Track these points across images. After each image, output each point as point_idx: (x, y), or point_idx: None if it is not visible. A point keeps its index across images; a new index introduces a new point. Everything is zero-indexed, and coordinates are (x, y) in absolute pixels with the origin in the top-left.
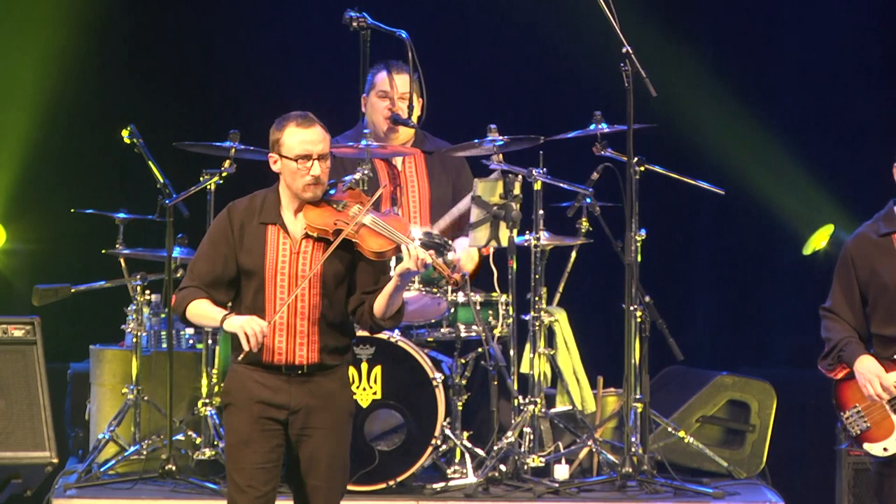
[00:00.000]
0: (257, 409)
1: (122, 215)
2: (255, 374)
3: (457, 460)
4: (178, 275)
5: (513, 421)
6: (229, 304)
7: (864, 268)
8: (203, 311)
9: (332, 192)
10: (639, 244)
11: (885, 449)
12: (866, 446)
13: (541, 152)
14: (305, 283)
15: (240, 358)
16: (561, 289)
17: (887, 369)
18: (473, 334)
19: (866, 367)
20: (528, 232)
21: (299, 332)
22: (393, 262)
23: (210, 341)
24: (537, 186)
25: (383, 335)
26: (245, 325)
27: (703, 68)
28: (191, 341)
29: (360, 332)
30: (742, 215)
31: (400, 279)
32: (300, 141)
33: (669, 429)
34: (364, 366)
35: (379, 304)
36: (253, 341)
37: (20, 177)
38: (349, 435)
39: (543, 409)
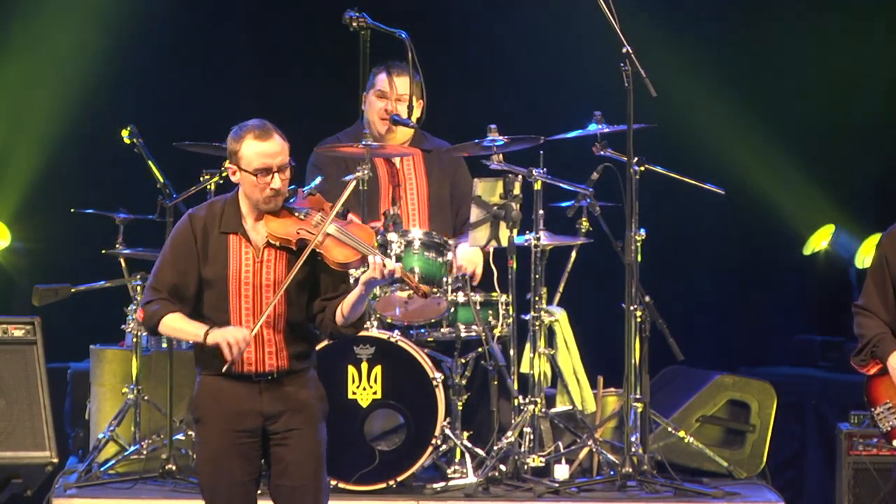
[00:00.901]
0: (231, 421)
1: (122, 215)
2: (226, 385)
3: (457, 460)
4: None
5: (513, 421)
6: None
7: None
8: (180, 325)
9: (292, 199)
10: (639, 244)
11: None
12: None
13: (541, 152)
14: (280, 294)
15: (224, 369)
16: (561, 289)
17: None
18: (473, 334)
19: None
20: (528, 232)
21: (267, 342)
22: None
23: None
24: (537, 186)
25: (383, 335)
26: (227, 335)
27: (704, 68)
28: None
29: (361, 333)
30: (742, 215)
31: (364, 288)
32: (258, 154)
33: (669, 429)
34: (364, 366)
35: (343, 310)
36: (235, 350)
37: (22, 177)
38: (325, 435)
39: (543, 409)
